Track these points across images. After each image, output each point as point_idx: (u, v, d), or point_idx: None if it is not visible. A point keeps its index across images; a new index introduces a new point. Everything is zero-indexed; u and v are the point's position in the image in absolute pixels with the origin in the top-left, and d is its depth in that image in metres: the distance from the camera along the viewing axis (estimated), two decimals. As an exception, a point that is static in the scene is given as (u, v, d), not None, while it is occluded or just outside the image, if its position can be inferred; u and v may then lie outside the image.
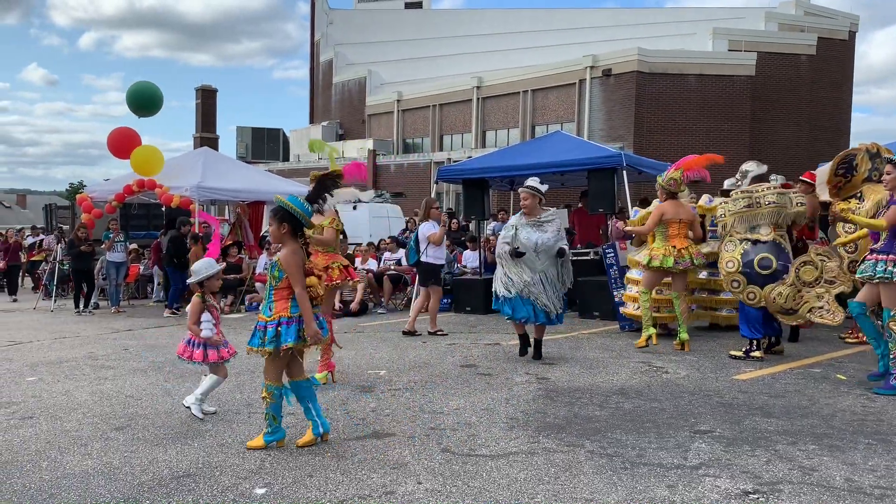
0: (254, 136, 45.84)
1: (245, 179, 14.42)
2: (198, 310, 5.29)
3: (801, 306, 6.73)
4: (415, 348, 8.17)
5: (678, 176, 7.87)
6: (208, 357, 5.29)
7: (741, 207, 6.90)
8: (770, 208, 6.84)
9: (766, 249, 6.83)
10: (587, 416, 5.10)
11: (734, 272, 6.84)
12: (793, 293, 6.73)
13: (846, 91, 31.58)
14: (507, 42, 36.15)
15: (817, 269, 6.77)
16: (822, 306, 6.69)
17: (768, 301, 6.79)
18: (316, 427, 4.61)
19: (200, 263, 5.43)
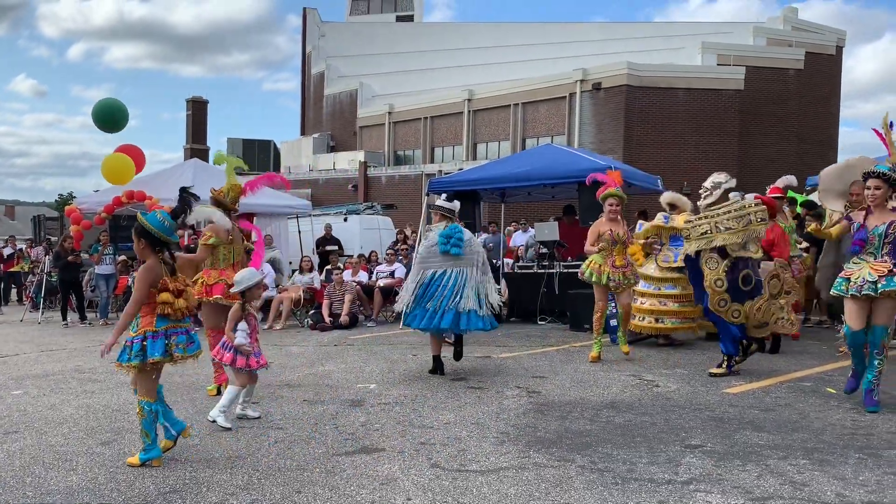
0: (244, 147, 45.74)
1: (235, 191, 14.35)
2: (237, 317, 5.43)
3: (770, 318, 6.89)
4: (405, 362, 8.13)
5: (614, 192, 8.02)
6: (237, 363, 5.38)
7: (742, 226, 6.76)
8: (761, 226, 6.83)
9: (747, 266, 6.86)
10: (578, 431, 5.08)
11: (722, 291, 6.79)
12: (767, 306, 6.86)
13: (834, 105, 31.87)
14: (499, 55, 36.30)
15: (780, 281, 6.98)
16: (783, 316, 6.91)
17: (750, 316, 6.82)
18: (168, 432, 4.55)
19: (243, 273, 5.58)
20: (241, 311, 5.45)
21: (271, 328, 11.80)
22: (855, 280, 5.42)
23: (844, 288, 5.49)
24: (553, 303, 11.39)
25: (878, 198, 5.45)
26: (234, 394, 5.42)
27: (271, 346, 9.69)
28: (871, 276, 5.35)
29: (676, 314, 8.64)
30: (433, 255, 7.07)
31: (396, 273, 12.88)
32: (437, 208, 7.26)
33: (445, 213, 7.18)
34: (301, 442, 4.91)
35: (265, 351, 9.07)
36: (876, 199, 5.46)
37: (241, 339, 5.38)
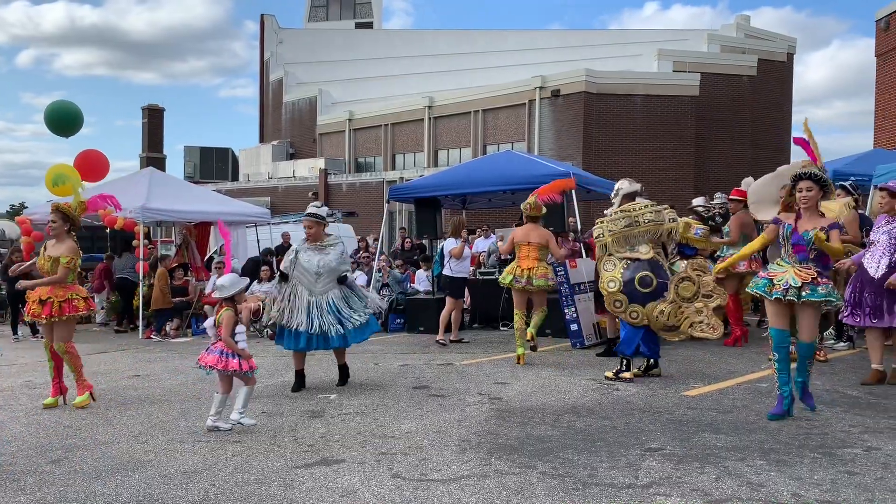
0: (202, 155, 45.16)
1: (192, 200, 14.14)
2: (231, 322, 5.49)
3: (682, 322, 6.75)
4: (366, 371, 8.06)
5: (533, 201, 8.25)
6: (242, 367, 5.47)
7: (622, 227, 6.85)
8: (648, 226, 6.83)
9: (646, 267, 6.80)
10: (539, 437, 5.07)
11: (616, 291, 6.81)
12: (674, 310, 6.74)
13: (786, 111, 32.63)
14: (458, 63, 36.46)
15: (695, 285, 6.79)
16: (702, 320, 6.71)
17: (651, 319, 6.77)
18: None
19: (227, 279, 5.68)
20: (234, 316, 5.52)
21: (230, 339, 11.60)
22: (778, 282, 5.29)
23: (768, 290, 5.33)
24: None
25: (811, 200, 5.34)
26: (249, 393, 5.52)
27: (230, 356, 9.54)
28: (795, 280, 5.22)
29: None
30: None
31: (357, 281, 12.77)
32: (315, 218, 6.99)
33: (318, 221, 6.98)
34: (259, 455, 4.82)
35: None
36: (808, 202, 5.33)
37: (244, 343, 5.53)
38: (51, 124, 10.87)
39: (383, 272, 12.28)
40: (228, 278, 5.71)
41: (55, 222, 6.59)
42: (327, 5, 47.09)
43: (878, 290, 6.41)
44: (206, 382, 7.56)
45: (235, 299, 5.61)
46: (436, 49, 38.66)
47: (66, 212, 6.63)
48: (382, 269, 12.29)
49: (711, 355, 8.27)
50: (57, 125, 10.89)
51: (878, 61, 17.83)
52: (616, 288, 6.80)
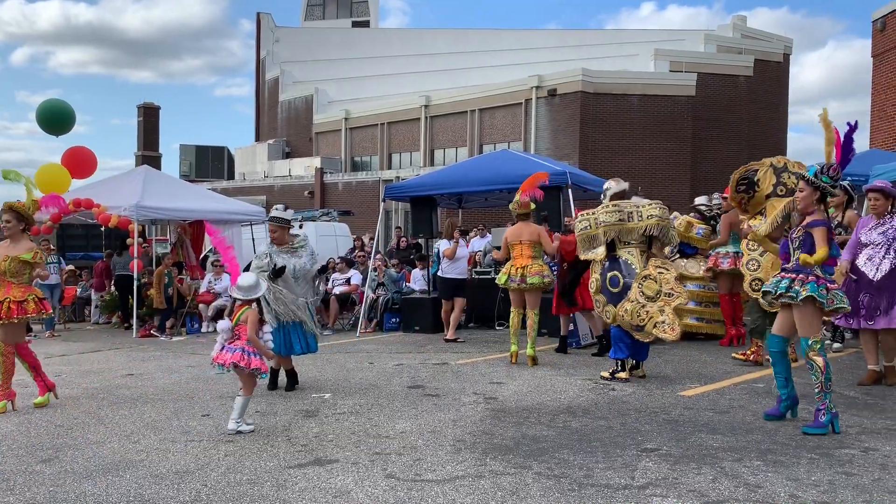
0: (198, 154, 45.05)
1: (186, 198, 14.08)
2: (256, 321, 5.54)
3: (646, 322, 6.67)
4: (361, 370, 8.02)
5: (520, 199, 8.21)
6: (262, 367, 5.54)
7: (581, 229, 6.87)
8: (602, 228, 6.77)
9: (614, 268, 6.80)
10: (535, 437, 5.03)
11: (596, 292, 6.82)
12: (637, 309, 6.67)
13: (782, 111, 32.66)
14: (455, 62, 36.40)
15: (657, 283, 6.68)
16: (664, 320, 6.59)
17: (618, 318, 6.76)
18: None
19: (248, 279, 5.69)
20: (258, 315, 5.58)
21: (225, 338, 11.55)
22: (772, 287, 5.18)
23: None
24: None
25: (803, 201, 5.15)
26: (246, 402, 5.50)
27: (224, 356, 9.49)
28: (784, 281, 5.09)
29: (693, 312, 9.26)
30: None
31: (352, 280, 12.74)
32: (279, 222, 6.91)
33: (282, 225, 6.89)
34: (252, 455, 4.78)
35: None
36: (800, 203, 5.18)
37: (272, 342, 5.69)
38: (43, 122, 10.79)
39: (379, 271, 12.24)
40: (249, 279, 5.69)
41: (9, 222, 6.39)
42: (324, 4, 47.01)
43: (876, 291, 6.35)
44: (200, 382, 7.51)
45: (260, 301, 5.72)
46: (432, 48, 38.61)
47: (20, 211, 6.44)
48: (378, 268, 12.25)
49: (708, 355, 8.24)
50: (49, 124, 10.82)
51: (875, 62, 17.84)
52: (595, 288, 6.83)
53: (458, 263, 10.48)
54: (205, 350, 10.16)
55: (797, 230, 5.21)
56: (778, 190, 7.46)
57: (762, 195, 7.39)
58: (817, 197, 5.15)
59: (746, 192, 7.45)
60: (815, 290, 4.90)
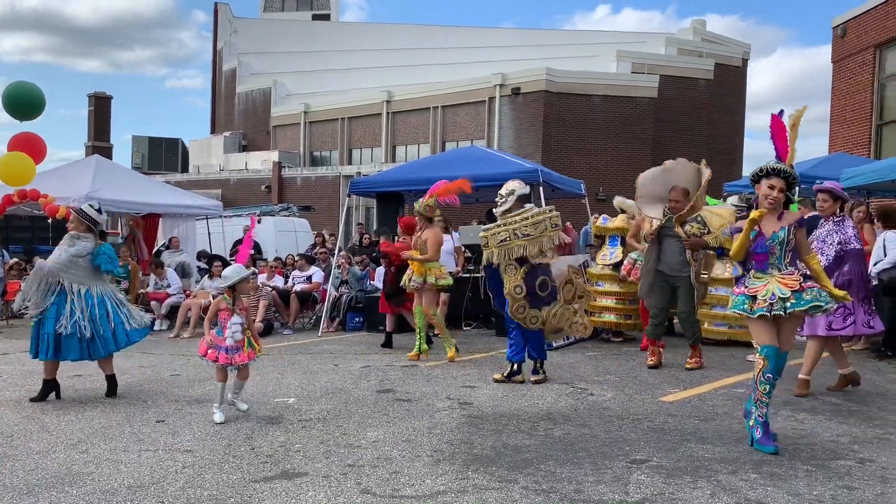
0: (151, 145, 43.84)
1: (140, 191, 13.48)
2: (216, 309, 5.59)
3: (565, 324, 6.83)
4: (326, 372, 7.65)
5: (432, 202, 8.20)
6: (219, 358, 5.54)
7: (539, 232, 6.64)
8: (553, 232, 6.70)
9: (543, 272, 6.73)
10: (516, 446, 4.76)
11: (522, 297, 6.64)
12: (563, 311, 6.79)
13: (739, 115, 33.11)
14: (417, 58, 36.04)
15: (574, 287, 6.91)
16: (578, 320, 6.90)
17: (547, 322, 6.70)
18: None
19: (232, 268, 5.76)
20: (224, 305, 5.56)
21: (178, 337, 11.05)
22: (764, 297, 4.59)
23: (749, 307, 4.64)
24: (478, 308, 11.12)
25: (777, 201, 4.68)
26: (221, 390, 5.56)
27: (179, 356, 9.03)
28: (782, 291, 4.56)
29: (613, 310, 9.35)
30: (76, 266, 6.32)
31: (314, 277, 12.32)
32: (82, 215, 6.45)
33: (90, 224, 6.44)
34: (213, 466, 4.40)
35: (171, 362, 8.45)
36: (775, 203, 4.67)
37: (231, 339, 5.53)
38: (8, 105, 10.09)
39: (342, 269, 11.85)
40: (231, 268, 5.79)
41: None
42: (284, -4, 46.22)
43: None
44: (154, 384, 7.07)
45: (237, 289, 5.61)
46: (394, 43, 38.17)
47: None
48: (342, 265, 11.86)
49: (683, 358, 8.08)
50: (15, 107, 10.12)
51: (835, 68, 18.05)
52: (522, 294, 6.66)
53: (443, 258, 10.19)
54: (158, 349, 9.66)
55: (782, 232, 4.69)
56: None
57: (698, 203, 7.29)
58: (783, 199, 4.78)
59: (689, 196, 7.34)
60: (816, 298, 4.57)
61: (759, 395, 4.66)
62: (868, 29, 16.61)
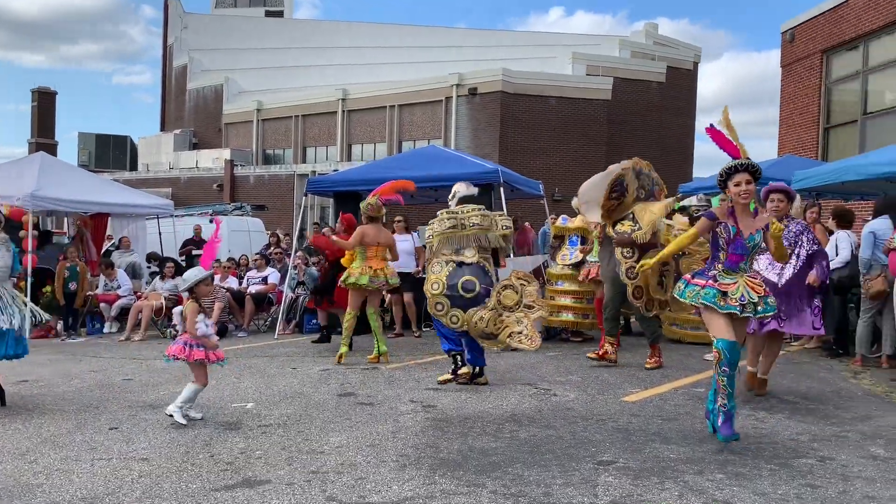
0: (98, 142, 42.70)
1: (88, 189, 13.05)
2: (194, 313, 5.53)
3: (501, 331, 6.45)
4: (284, 376, 7.50)
5: (374, 201, 8.24)
6: (208, 357, 5.50)
7: (446, 228, 6.63)
8: (474, 230, 6.58)
9: (471, 272, 6.55)
10: (483, 449, 4.71)
11: (438, 294, 6.57)
12: (494, 317, 6.41)
13: (690, 118, 33.70)
14: (373, 56, 35.83)
15: (517, 294, 6.46)
16: (521, 331, 6.36)
17: (470, 325, 6.49)
18: None
19: (190, 271, 5.78)
20: (197, 306, 5.55)
21: (129, 339, 10.74)
22: (733, 295, 4.69)
23: (720, 302, 4.72)
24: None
25: (750, 195, 4.72)
26: (194, 391, 5.48)
27: (130, 360, 8.77)
28: (752, 295, 4.68)
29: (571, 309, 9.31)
30: None
31: (270, 278, 12.11)
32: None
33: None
34: (171, 475, 4.25)
35: (122, 366, 8.19)
36: (748, 197, 4.72)
37: (204, 329, 5.53)
38: None
39: (299, 269, 11.66)
40: (190, 270, 5.79)
41: None
42: (236, -8, 45.48)
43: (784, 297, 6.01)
44: (106, 389, 6.84)
45: (196, 291, 5.60)
46: (349, 41, 37.88)
47: None
48: (298, 266, 11.66)
49: (641, 358, 8.14)
50: None
51: (783, 72, 18.47)
52: (439, 290, 6.55)
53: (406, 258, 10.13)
54: (108, 353, 9.38)
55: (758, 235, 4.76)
56: (639, 193, 7.41)
57: (629, 200, 7.34)
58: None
59: (618, 198, 7.35)
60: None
61: (718, 386, 4.79)
62: (816, 34, 17.04)
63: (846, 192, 11.16)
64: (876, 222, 7.41)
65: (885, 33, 15.21)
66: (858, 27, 15.66)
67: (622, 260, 7.35)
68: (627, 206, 7.38)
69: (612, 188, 7.26)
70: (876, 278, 7.29)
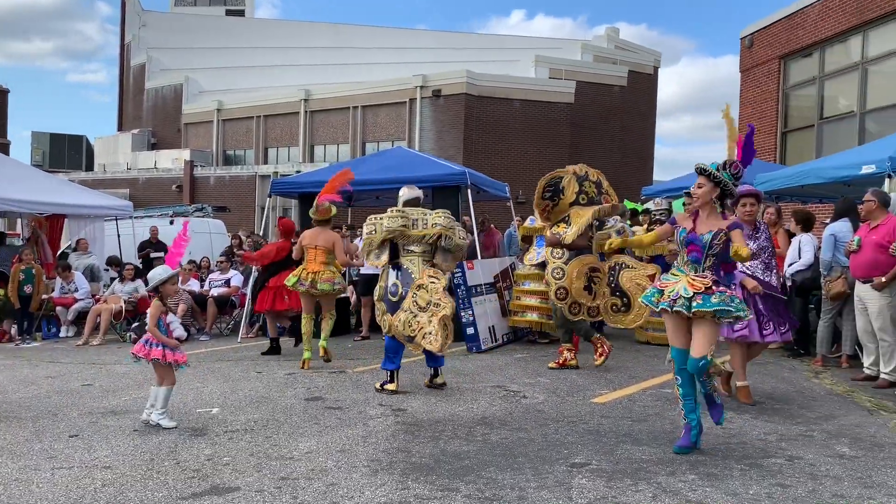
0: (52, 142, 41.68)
1: (43, 189, 12.69)
2: (157, 313, 5.49)
3: (417, 333, 6.33)
4: (248, 380, 7.37)
5: (321, 204, 8.10)
6: (165, 356, 5.43)
7: (367, 234, 6.65)
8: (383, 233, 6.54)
9: (397, 276, 6.57)
10: (455, 453, 4.67)
11: (377, 300, 6.60)
12: (409, 319, 6.38)
13: (650, 122, 34.15)
14: (336, 57, 35.58)
15: (428, 293, 6.38)
16: (430, 331, 6.25)
17: (394, 328, 6.50)
18: None
19: (155, 270, 5.71)
20: (161, 306, 5.52)
21: (87, 344, 10.46)
22: (669, 293, 4.69)
23: (655, 300, 4.76)
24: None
25: (701, 197, 4.74)
26: (168, 393, 5.46)
27: (89, 364, 8.54)
28: (686, 291, 4.61)
29: (537, 309, 9.17)
30: None
31: (233, 281, 11.91)
32: None
33: None
34: (136, 483, 4.13)
35: (81, 371, 7.97)
36: (698, 199, 4.81)
37: (181, 331, 5.58)
38: None
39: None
40: (155, 269, 5.72)
41: None
42: (196, -10, 44.81)
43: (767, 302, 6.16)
44: (65, 395, 6.64)
45: (161, 290, 5.57)
46: (312, 41, 37.57)
47: None
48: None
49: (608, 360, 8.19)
50: None
51: (743, 77, 18.82)
52: (378, 295, 6.60)
53: None
54: (65, 358, 9.12)
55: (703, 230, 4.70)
56: (580, 198, 7.48)
57: (566, 203, 7.41)
58: (717, 194, 4.71)
59: (552, 199, 7.43)
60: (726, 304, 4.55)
61: (677, 396, 4.80)
62: (774, 41, 17.40)
63: (804, 195, 11.38)
64: (836, 225, 7.56)
65: (839, 41, 15.60)
66: (815, 34, 16.03)
67: (550, 260, 7.43)
68: (564, 208, 7.42)
69: (544, 188, 7.31)
70: (836, 280, 7.44)
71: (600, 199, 7.64)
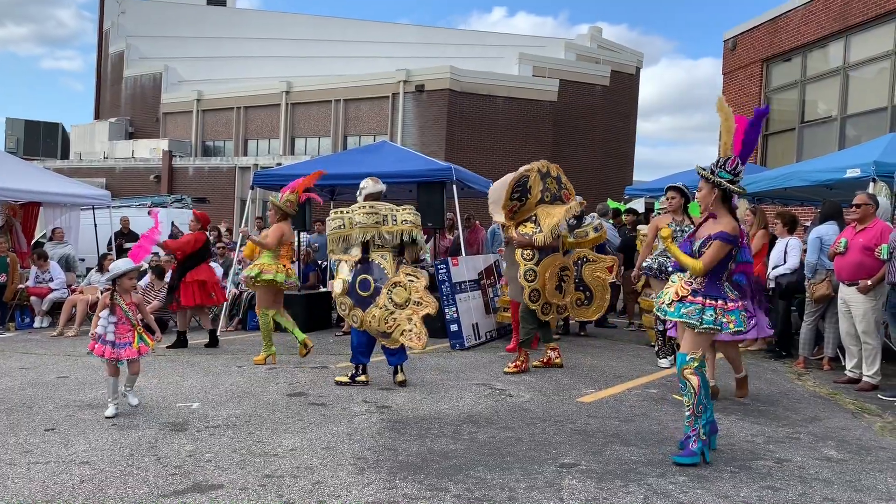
0: (27, 129, 40.92)
1: (19, 176, 12.41)
2: (101, 305, 5.52)
3: (394, 329, 6.37)
4: (230, 374, 7.25)
5: (294, 198, 8.04)
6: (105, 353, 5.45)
7: (333, 228, 6.56)
8: (357, 229, 6.46)
9: (365, 270, 6.50)
10: (443, 452, 4.60)
11: (341, 294, 6.53)
12: (385, 315, 6.37)
13: (632, 122, 34.25)
14: (318, 49, 35.25)
15: (407, 291, 6.41)
16: (411, 329, 6.31)
17: (366, 324, 6.48)
18: None
19: (116, 262, 5.69)
20: (108, 301, 5.47)
21: (62, 335, 10.25)
22: (663, 297, 4.73)
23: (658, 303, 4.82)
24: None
25: (701, 201, 4.68)
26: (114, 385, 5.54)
27: (64, 356, 8.36)
28: (668, 296, 4.64)
29: None
30: None
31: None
32: None
33: None
34: (115, 480, 4.02)
35: (56, 363, 7.79)
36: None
37: (101, 329, 5.46)
38: None
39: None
40: (116, 262, 5.71)
41: None
42: (177, -22, 44.16)
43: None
44: (40, 388, 6.47)
45: (117, 283, 5.51)
46: (294, 33, 37.19)
47: None
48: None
49: (593, 359, 8.18)
50: None
51: (725, 79, 18.92)
52: (341, 290, 6.48)
53: None
54: (40, 349, 8.92)
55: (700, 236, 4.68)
56: (545, 196, 7.42)
57: (532, 202, 7.33)
58: (718, 196, 4.57)
59: (520, 199, 7.34)
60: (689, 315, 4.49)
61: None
62: (756, 44, 17.51)
63: (786, 198, 11.46)
64: (822, 228, 7.59)
65: (820, 46, 15.73)
66: (797, 38, 16.15)
67: (521, 262, 7.24)
68: (530, 208, 7.33)
69: (513, 189, 7.22)
70: (821, 282, 7.47)
71: (560, 194, 7.57)
